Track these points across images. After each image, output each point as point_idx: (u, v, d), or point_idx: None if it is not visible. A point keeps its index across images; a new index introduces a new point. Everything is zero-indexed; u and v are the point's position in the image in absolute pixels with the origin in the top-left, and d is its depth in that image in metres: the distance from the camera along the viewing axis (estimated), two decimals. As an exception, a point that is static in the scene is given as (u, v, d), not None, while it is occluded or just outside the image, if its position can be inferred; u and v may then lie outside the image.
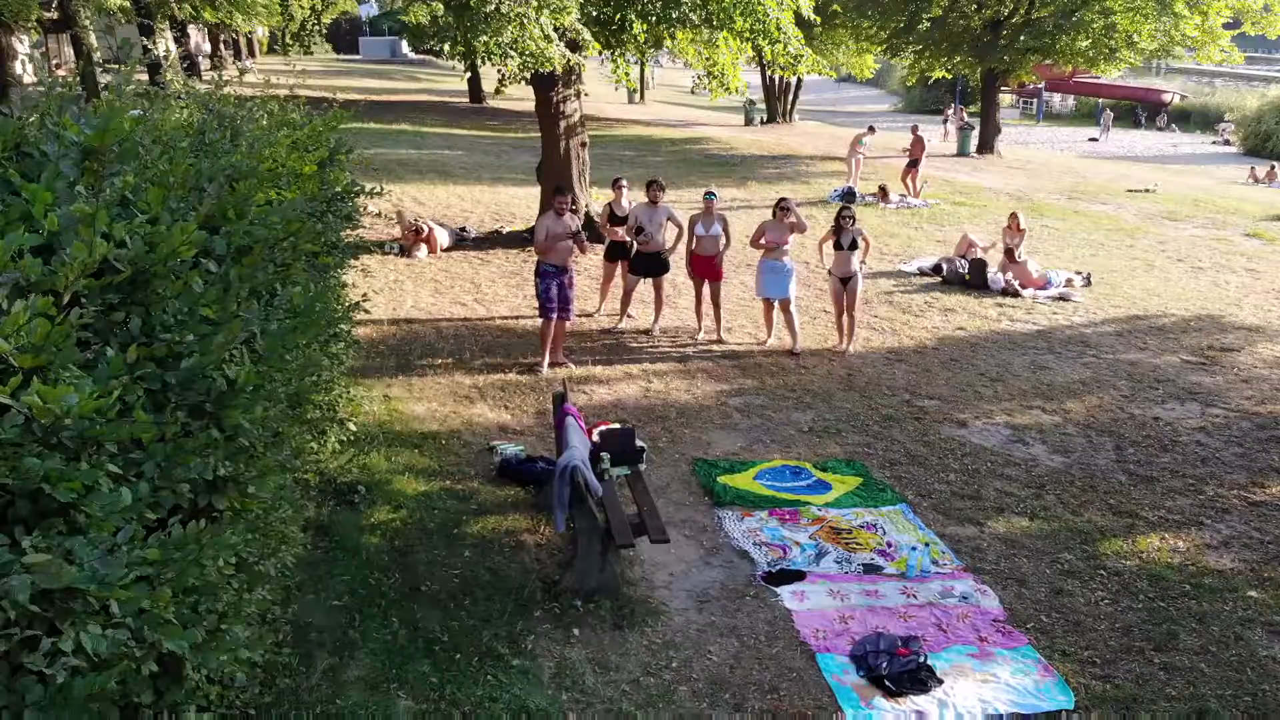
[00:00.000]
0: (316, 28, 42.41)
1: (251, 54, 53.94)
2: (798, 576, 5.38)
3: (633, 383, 8.29)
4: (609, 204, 9.79)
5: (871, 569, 5.52)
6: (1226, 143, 39.29)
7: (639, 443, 5.88)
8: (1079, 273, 12.91)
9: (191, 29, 42.66)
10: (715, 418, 7.64)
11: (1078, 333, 10.55)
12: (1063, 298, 11.93)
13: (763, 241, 9.33)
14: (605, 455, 5.49)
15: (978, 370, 9.10)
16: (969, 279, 12.27)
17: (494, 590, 4.97)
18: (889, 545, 5.78)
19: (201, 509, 3.13)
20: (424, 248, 12.31)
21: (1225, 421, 8.15)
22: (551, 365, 8.55)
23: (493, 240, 13.18)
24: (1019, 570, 5.68)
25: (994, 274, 12.27)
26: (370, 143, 22.82)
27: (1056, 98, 50.17)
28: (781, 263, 9.34)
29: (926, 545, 5.70)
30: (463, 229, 13.49)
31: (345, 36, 67.56)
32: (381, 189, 6.13)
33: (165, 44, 33.95)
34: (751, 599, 5.18)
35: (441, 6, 8.88)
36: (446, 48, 9.66)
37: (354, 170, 7.00)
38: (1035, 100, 48.59)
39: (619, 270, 9.85)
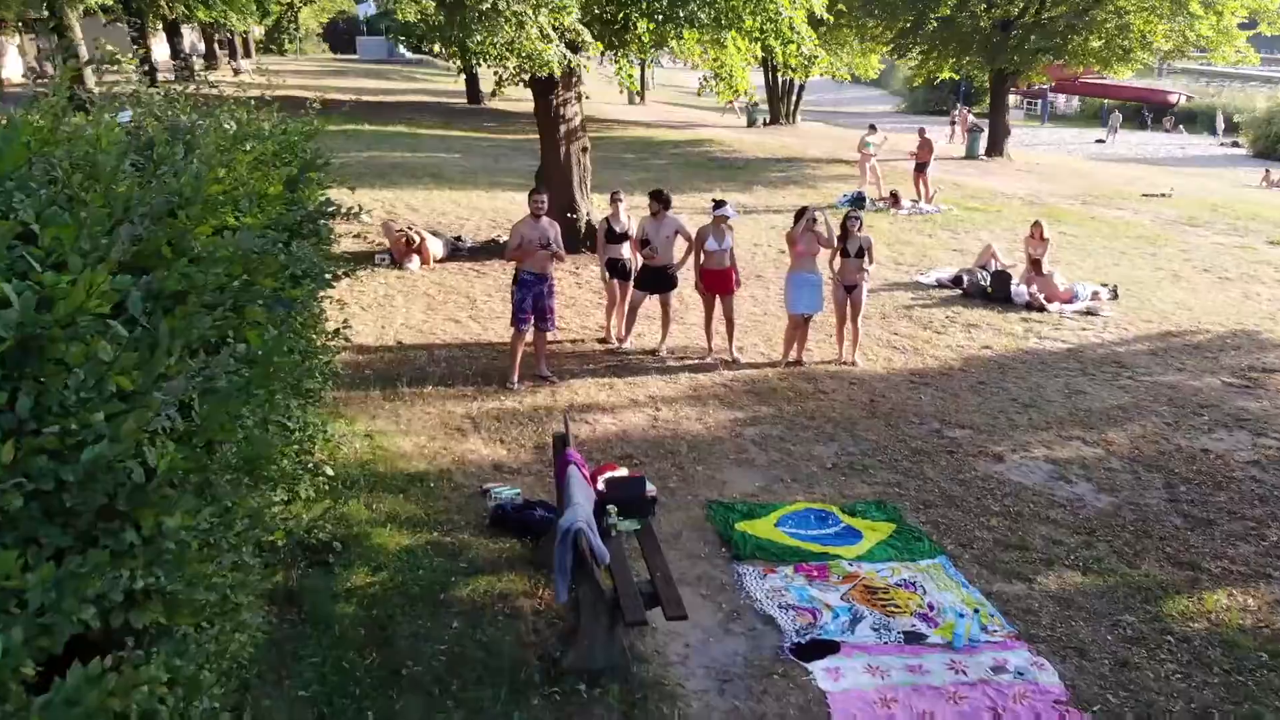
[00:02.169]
0: (293, 25, 41.32)
1: (247, 54, 53.27)
2: (831, 648, 4.75)
3: (639, 411, 7.66)
4: (605, 219, 9.09)
5: (914, 638, 4.89)
6: (1235, 144, 38.70)
7: (650, 491, 5.25)
8: (1105, 284, 12.30)
9: (185, 29, 42.01)
10: (730, 452, 7.01)
11: (1110, 352, 9.92)
12: (1090, 312, 11.32)
13: (791, 252, 8.76)
14: (612, 508, 4.86)
15: (1009, 395, 8.47)
16: (991, 292, 11.65)
17: (485, 671, 4.33)
18: (931, 608, 5.15)
19: (117, 629, 2.51)
20: (416, 259, 11.66)
21: (1279, 454, 7.53)
22: (539, 379, 8.03)
23: (489, 250, 12.54)
24: (1078, 637, 5.05)
25: (1018, 287, 11.65)
26: (365, 145, 22.22)
27: (1061, 98, 49.59)
28: (814, 275, 8.75)
29: (976, 611, 5.06)
30: (458, 238, 12.86)
31: (342, 36, 66.92)
32: (360, 209, 5.49)
33: (153, 43, 33.28)
34: (780, 677, 4.55)
35: (432, 4, 8.23)
36: (438, 47, 9.02)
37: (342, 175, 6.40)
38: (1040, 101, 48.00)
39: (619, 289, 9.13)
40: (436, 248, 12.08)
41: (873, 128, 19.76)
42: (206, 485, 3.16)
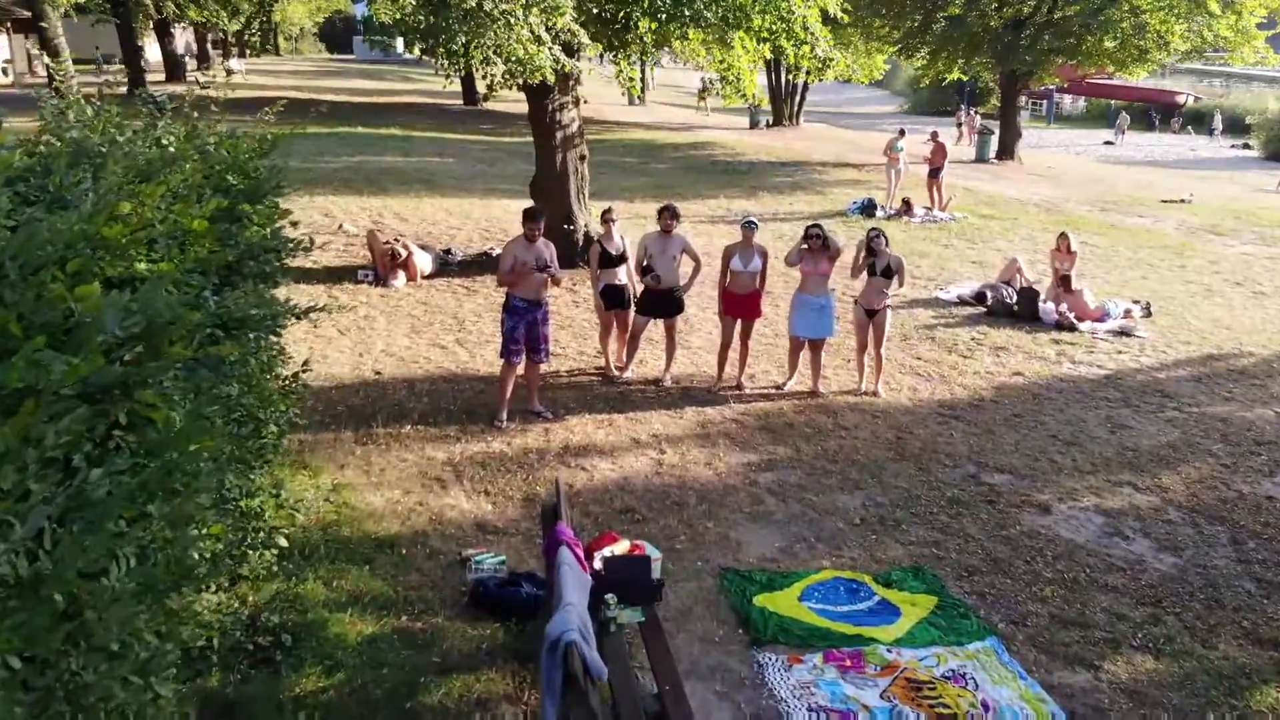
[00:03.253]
0: (265, 24, 40.43)
1: (242, 54, 52.43)
2: (872, 766, 3.99)
3: (642, 454, 6.89)
4: (598, 241, 8.27)
5: (968, 750, 4.13)
6: (1246, 146, 37.94)
7: (655, 571, 4.49)
8: (1137, 301, 11.55)
9: (176, 29, 41.16)
10: (744, 503, 6.24)
11: (1151, 378, 9.16)
12: (1124, 332, 10.56)
13: (799, 270, 8.04)
14: (610, 597, 4.10)
15: (1048, 431, 7.71)
16: (1018, 310, 10.89)
17: (458, 808, 3.58)
18: (985, 708, 4.39)
19: None
20: (402, 275, 10.89)
21: (1353, 501, 6.77)
22: (530, 415, 7.29)
23: (481, 264, 11.77)
24: (1158, 744, 4.30)
25: (1046, 304, 10.88)
26: (356, 148, 21.47)
27: (1067, 99, 48.82)
28: (819, 297, 8.03)
29: (1043, 720, 4.30)
30: (447, 251, 12.08)
31: (340, 35, 66.19)
32: (311, 242, 4.73)
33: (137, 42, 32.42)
34: (813, 808, 3.79)
35: (411, 3, 7.47)
36: (417, 50, 8.27)
37: (307, 189, 5.64)
38: (1046, 102, 47.23)
39: (617, 319, 8.29)
40: (425, 262, 11.30)
41: (902, 132, 18.84)
42: (82, 633, 2.41)
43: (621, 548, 4.63)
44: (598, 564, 4.39)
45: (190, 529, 3.29)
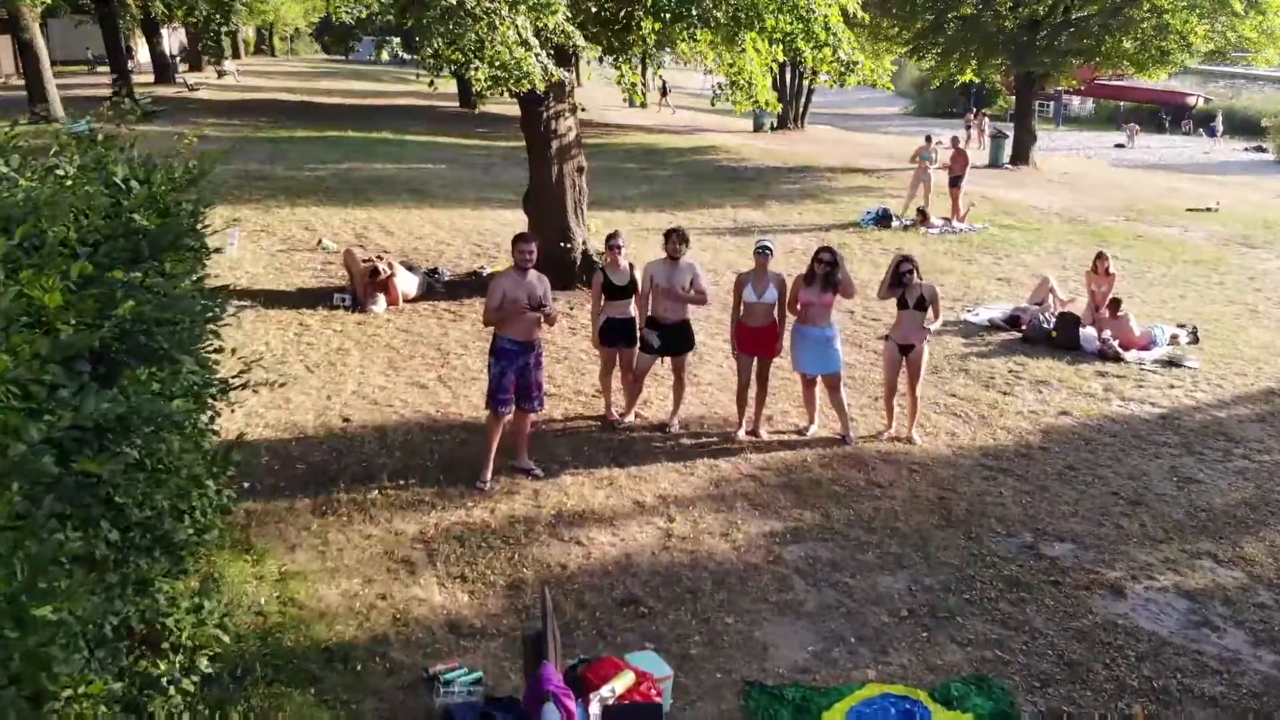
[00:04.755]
0: (224, 28, 39.31)
1: (236, 55, 51.45)
2: None
3: (646, 522, 5.96)
4: (601, 269, 7.32)
5: None
6: (1259, 149, 37.02)
7: (666, 705, 3.56)
8: (1182, 325, 10.63)
9: (165, 30, 40.20)
10: (768, 588, 5.31)
11: (1210, 418, 8.24)
12: (1172, 361, 9.64)
13: (801, 298, 7.18)
14: (613, 766, 3.20)
15: (1108, 487, 6.79)
16: (1055, 336, 9.96)
17: None
18: None
19: None
20: (382, 299, 9.96)
21: None
22: (518, 472, 6.39)
23: (470, 286, 10.85)
24: None
25: (1086, 330, 9.96)
26: (345, 154, 20.58)
27: (1075, 100, 47.89)
28: (821, 329, 7.14)
29: None
30: (433, 271, 11.16)
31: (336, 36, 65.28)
32: (224, 307, 3.80)
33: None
34: None
35: (376, 3, 6.58)
36: (385, 54, 7.38)
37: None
38: (1054, 103, 46.28)
39: (620, 356, 7.33)
40: (408, 284, 10.37)
41: (928, 138, 17.86)
42: None
43: (624, 682, 3.69)
44: (595, 709, 3.47)
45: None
